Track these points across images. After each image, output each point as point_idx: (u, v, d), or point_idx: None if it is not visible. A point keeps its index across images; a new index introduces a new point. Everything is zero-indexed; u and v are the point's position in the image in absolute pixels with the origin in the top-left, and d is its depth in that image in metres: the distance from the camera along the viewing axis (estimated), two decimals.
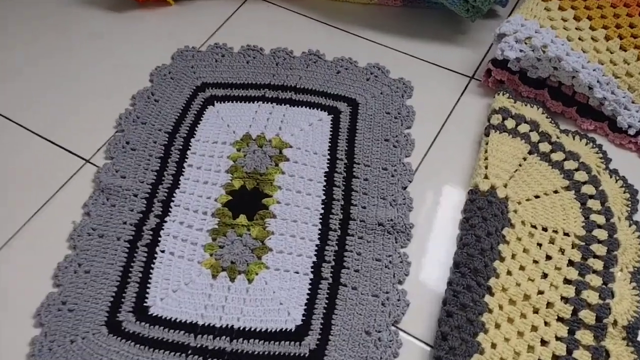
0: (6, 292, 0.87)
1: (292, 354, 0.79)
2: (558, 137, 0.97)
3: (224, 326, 0.82)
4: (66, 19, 1.24)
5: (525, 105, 1.00)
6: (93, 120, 1.07)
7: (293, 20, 1.22)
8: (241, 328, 0.82)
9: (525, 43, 0.98)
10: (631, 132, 0.96)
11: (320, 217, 0.92)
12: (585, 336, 0.77)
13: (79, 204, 0.96)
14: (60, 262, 0.89)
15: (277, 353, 0.79)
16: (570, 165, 0.93)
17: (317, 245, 0.89)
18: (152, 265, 0.88)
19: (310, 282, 0.86)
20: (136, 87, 1.11)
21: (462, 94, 1.07)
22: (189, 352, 0.80)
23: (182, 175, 0.98)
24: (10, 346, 0.82)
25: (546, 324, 0.79)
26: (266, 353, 0.79)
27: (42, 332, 0.82)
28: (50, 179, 0.99)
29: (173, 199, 0.95)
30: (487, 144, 0.95)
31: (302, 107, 1.06)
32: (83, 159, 1.02)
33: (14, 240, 0.92)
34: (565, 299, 0.81)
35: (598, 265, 0.83)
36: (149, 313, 0.84)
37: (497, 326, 0.79)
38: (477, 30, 1.16)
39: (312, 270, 0.87)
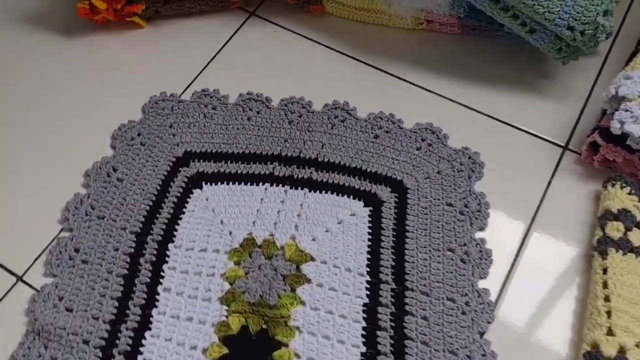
0: None
1: None
2: None
3: None
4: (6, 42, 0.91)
5: None
6: (32, 212, 0.75)
7: (309, 51, 0.89)
8: None
9: None
10: None
11: None
12: None
13: (9, 348, 0.65)
14: None
15: None
16: None
17: None
18: None
19: None
20: (92, 156, 0.79)
21: (554, 172, 0.76)
22: None
23: (156, 306, 0.67)
24: None
25: None
26: None
27: None
28: None
29: (142, 349, 0.65)
30: (605, 272, 0.64)
31: (327, 192, 0.75)
32: (15, 275, 0.71)
33: None
34: None
35: None
36: None
37: None
38: (571, 74, 0.84)
39: None
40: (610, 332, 0.60)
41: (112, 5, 0.88)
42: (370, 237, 0.72)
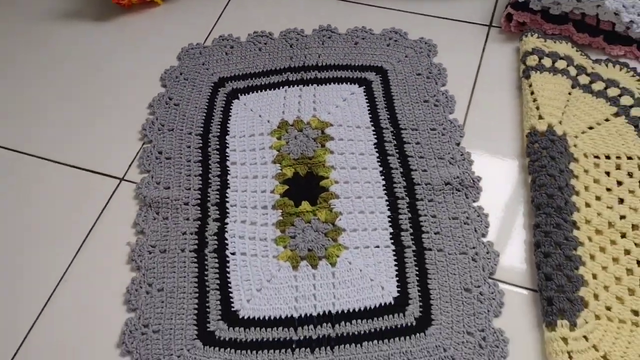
0: (79, 327, 0.81)
1: (399, 326, 0.77)
2: (593, 68, 0.98)
3: (320, 314, 0.79)
4: (53, 38, 1.16)
5: (555, 42, 1.00)
6: (114, 137, 1.01)
7: (291, 0, 1.19)
8: (339, 312, 0.79)
9: None
10: None
11: (384, 188, 0.90)
12: None
13: (126, 224, 0.90)
14: (128, 285, 0.83)
15: (384, 328, 0.77)
16: (613, 92, 0.94)
17: (389, 217, 0.87)
18: (227, 270, 0.84)
19: (394, 253, 0.84)
20: (149, 95, 1.05)
21: (485, 43, 1.06)
22: (294, 345, 0.77)
23: (228, 174, 0.94)
24: None
25: (636, 245, 0.80)
26: (373, 330, 0.77)
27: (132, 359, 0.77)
28: (89, 205, 0.93)
29: (227, 199, 0.91)
30: (530, 85, 0.94)
31: (330, 84, 1.04)
32: (117, 178, 0.96)
33: (69, 274, 0.86)
34: None
35: None
36: (240, 317, 0.80)
37: (592, 257, 0.79)
38: None
39: (393, 241, 0.85)
40: (540, 117, 0.90)
41: None
42: (368, 104, 1.00)
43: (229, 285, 0.83)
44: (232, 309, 0.80)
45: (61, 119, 1.03)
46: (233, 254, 0.86)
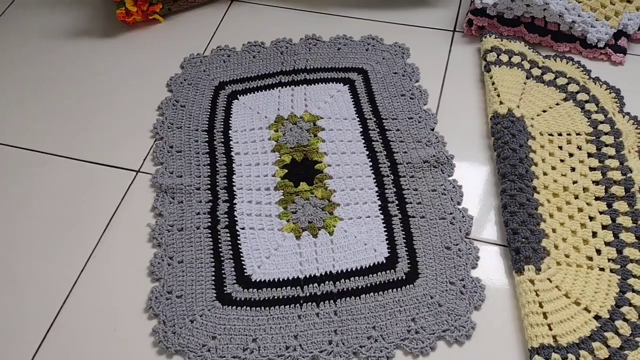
0: (109, 298, 0.91)
1: (391, 280, 0.90)
2: (543, 62, 1.14)
3: (323, 274, 0.91)
4: (63, 56, 1.28)
5: (510, 41, 1.16)
6: (128, 136, 1.12)
7: (279, 15, 1.33)
8: (339, 272, 0.91)
9: None
10: (600, 44, 1.14)
11: (371, 168, 1.03)
12: (621, 205, 0.93)
13: (145, 209, 1.02)
14: (151, 259, 0.94)
15: (378, 282, 0.90)
16: (561, 81, 1.10)
17: (377, 192, 1.00)
18: (239, 242, 0.96)
19: (383, 221, 0.97)
20: (157, 99, 1.17)
21: (451, 45, 1.22)
22: (302, 301, 0.89)
23: (234, 162, 1.06)
24: (134, 342, 0.87)
25: (588, 204, 0.95)
26: (369, 285, 0.89)
27: (159, 321, 0.88)
28: (110, 195, 1.04)
29: (234, 184, 1.03)
30: (491, 77, 1.10)
31: (318, 84, 1.17)
32: (133, 170, 1.07)
33: (97, 252, 0.97)
34: (595, 182, 0.96)
35: (611, 151, 1.00)
36: (253, 280, 0.91)
37: (551, 215, 0.94)
38: None
39: (381, 211, 0.98)
40: (501, 103, 1.06)
41: (140, 8, 1.28)
42: (352, 99, 1.14)
43: (240, 255, 0.95)
44: (245, 274, 0.92)
45: (80, 123, 1.15)
46: (243, 228, 0.97)
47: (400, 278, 0.90)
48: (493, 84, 1.09)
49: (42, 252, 0.97)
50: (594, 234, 0.91)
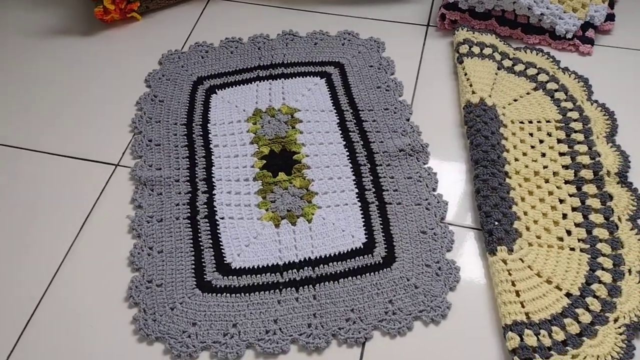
0: (89, 287, 0.92)
1: (369, 264, 0.92)
2: (514, 54, 1.18)
3: (302, 260, 0.93)
4: (43, 54, 1.28)
5: (482, 34, 1.19)
6: (107, 131, 1.13)
7: (256, 11, 1.35)
8: (318, 258, 0.93)
9: None
10: (569, 36, 1.18)
11: (348, 157, 1.05)
12: (590, 188, 0.96)
13: (124, 202, 1.02)
14: (131, 250, 0.95)
15: (356, 267, 0.91)
16: (531, 71, 1.14)
17: (354, 180, 1.02)
18: (218, 231, 0.97)
19: (360, 208, 0.98)
20: (135, 94, 1.18)
21: (425, 39, 1.25)
22: (281, 287, 0.90)
23: (212, 155, 1.07)
24: (114, 330, 0.87)
25: (558, 187, 0.97)
26: (347, 269, 0.91)
27: (139, 309, 0.89)
28: (89, 189, 1.04)
29: (213, 175, 1.04)
30: (464, 69, 1.13)
31: (295, 78, 1.19)
32: (112, 164, 1.08)
33: (76, 245, 0.97)
34: (565, 167, 0.99)
35: (580, 137, 1.03)
36: (233, 267, 0.93)
37: (523, 199, 0.96)
38: None
39: (359, 199, 1.00)
40: (473, 92, 1.08)
41: (118, 6, 1.29)
42: (329, 92, 1.16)
43: (220, 243, 0.96)
44: (225, 262, 0.93)
45: (58, 119, 1.15)
46: (222, 218, 0.99)
47: (377, 262, 0.92)
48: (466, 74, 1.12)
49: (22, 244, 0.97)
50: (564, 216, 0.94)
